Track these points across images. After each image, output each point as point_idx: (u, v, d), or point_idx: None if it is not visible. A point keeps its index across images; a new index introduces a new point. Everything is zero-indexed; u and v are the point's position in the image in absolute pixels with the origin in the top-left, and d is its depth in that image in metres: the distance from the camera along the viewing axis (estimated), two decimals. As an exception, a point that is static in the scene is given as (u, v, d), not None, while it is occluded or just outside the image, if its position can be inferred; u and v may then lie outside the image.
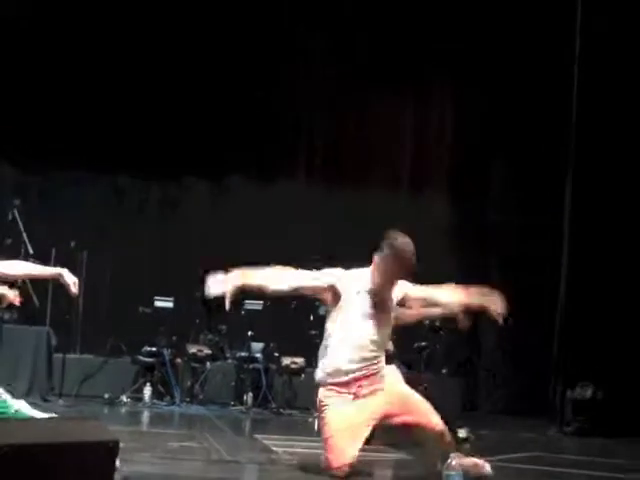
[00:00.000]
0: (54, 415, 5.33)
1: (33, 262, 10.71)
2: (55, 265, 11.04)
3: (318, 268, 6.11)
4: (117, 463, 4.02)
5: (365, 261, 6.10)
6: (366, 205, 12.91)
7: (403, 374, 6.30)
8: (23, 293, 10.51)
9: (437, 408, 6.14)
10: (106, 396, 10.66)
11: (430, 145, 13.68)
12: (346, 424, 5.68)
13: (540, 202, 12.25)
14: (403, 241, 5.92)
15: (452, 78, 13.50)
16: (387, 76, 13.09)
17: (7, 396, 4.85)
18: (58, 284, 5.47)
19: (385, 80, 13.14)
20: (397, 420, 5.83)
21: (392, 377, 6.02)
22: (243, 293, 5.94)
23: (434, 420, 5.87)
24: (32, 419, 4.41)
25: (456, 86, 13.52)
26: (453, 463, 4.77)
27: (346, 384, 5.82)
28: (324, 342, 5.99)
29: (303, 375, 11.13)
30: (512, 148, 12.88)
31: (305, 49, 13.10)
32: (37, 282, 10.82)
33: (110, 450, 3.81)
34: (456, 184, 13.46)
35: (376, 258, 5.97)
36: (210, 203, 13.03)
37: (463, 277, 13.01)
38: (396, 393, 5.91)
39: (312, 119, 13.36)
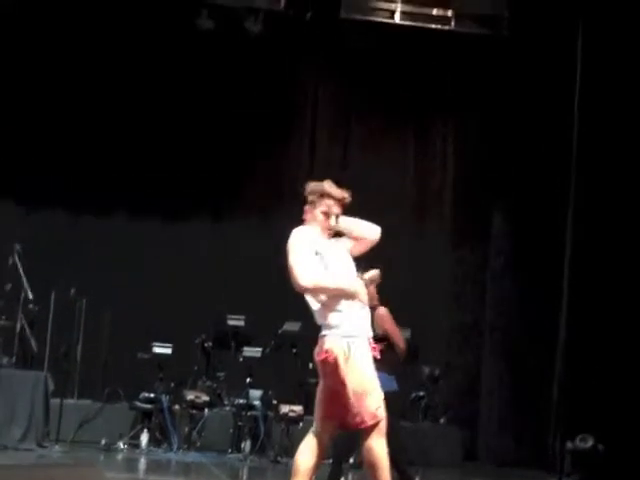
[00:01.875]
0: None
1: (32, 307, 10.79)
2: (55, 311, 11.15)
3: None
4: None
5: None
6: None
7: None
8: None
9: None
10: (103, 442, 10.59)
11: (431, 189, 13.72)
12: None
13: (540, 249, 12.23)
14: None
15: (453, 122, 13.60)
16: (389, 120, 13.21)
17: None
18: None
19: (387, 124, 13.25)
20: None
21: None
22: None
23: None
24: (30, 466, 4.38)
25: (457, 131, 13.61)
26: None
27: None
28: None
29: (301, 423, 11.07)
30: (513, 191, 12.90)
31: (308, 89, 13.25)
32: (36, 327, 10.86)
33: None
34: (457, 228, 13.48)
35: None
36: (209, 249, 13.04)
37: (461, 319, 13.17)
38: None
39: (313, 159, 13.41)
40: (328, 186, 6.09)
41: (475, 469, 11.61)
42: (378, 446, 5.45)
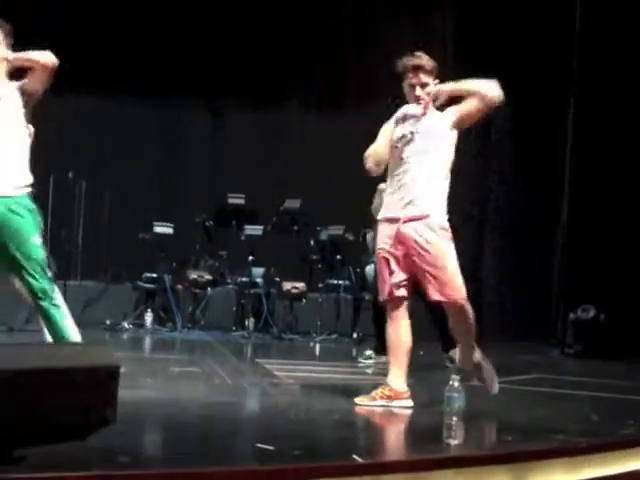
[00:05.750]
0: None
1: (32, 190, 10.68)
2: (54, 194, 11.08)
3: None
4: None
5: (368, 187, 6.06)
6: (365, 130, 12.81)
7: None
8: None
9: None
10: (107, 322, 10.66)
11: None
12: None
13: (541, 122, 12.08)
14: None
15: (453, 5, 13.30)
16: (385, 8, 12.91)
17: None
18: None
19: (384, 3, 12.96)
20: None
21: None
22: None
23: None
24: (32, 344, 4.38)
25: (457, 14, 13.31)
26: (455, 385, 4.74)
27: None
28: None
29: (304, 300, 11.14)
30: (514, 72, 12.66)
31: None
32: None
33: (111, 375, 3.79)
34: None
35: None
36: (209, 129, 12.94)
37: (462, 196, 13.07)
38: None
39: (310, 45, 13.16)
40: (405, 59, 5.99)
41: (477, 342, 11.69)
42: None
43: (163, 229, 11.38)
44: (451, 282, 5.70)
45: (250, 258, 11.27)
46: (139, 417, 5.04)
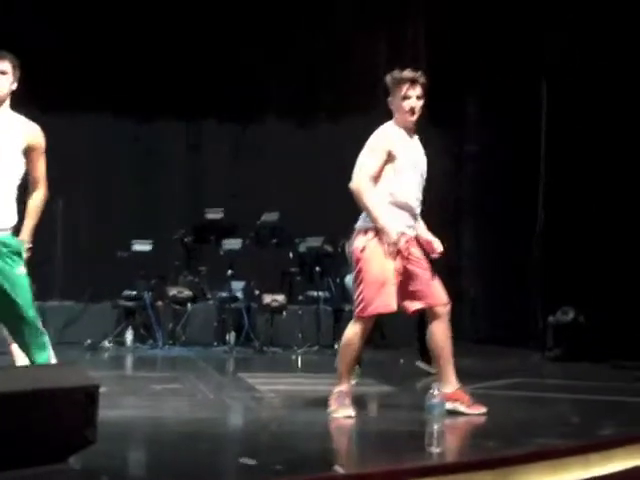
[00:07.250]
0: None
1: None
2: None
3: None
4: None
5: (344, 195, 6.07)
6: (340, 143, 12.86)
7: None
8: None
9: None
10: (88, 342, 10.63)
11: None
12: None
13: (516, 127, 12.15)
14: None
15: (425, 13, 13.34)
16: (361, 8, 12.94)
17: None
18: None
19: (359, 12, 12.98)
20: None
21: None
22: None
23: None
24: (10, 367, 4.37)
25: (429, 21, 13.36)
26: (435, 392, 4.77)
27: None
28: None
29: (284, 313, 11.15)
30: (487, 78, 12.74)
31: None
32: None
33: (90, 395, 3.78)
34: (432, 114, 13.30)
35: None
36: (185, 144, 12.91)
37: (438, 205, 13.09)
38: None
39: (286, 59, 13.16)
40: (396, 72, 5.97)
41: (456, 347, 11.70)
42: None
43: (141, 247, 11.36)
44: None
45: (229, 272, 11.26)
46: (121, 436, 5.03)
